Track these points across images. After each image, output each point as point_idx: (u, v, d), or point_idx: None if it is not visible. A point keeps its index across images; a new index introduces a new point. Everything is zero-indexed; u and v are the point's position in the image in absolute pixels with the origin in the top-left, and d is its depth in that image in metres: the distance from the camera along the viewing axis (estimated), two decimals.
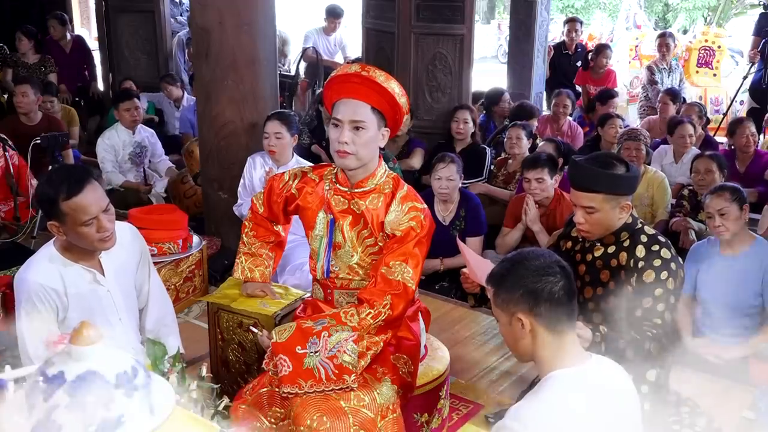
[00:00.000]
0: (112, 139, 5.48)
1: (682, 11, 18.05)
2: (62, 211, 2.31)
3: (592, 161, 2.55)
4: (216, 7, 4.27)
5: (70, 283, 2.42)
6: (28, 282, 2.39)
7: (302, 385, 2.26)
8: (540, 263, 1.84)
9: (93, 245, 2.40)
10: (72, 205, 2.30)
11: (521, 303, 1.81)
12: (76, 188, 2.30)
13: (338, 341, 2.27)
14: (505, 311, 1.86)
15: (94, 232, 2.35)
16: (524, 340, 1.84)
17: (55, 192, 2.30)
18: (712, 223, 3.43)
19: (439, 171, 4.30)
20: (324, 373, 2.26)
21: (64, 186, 2.30)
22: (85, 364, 1.20)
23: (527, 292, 1.81)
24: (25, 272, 2.43)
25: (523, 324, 1.82)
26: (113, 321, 2.54)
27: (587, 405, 1.76)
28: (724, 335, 3.49)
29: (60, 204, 2.30)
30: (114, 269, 2.55)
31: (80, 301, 2.45)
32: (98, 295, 2.50)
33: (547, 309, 1.80)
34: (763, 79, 6.96)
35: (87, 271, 2.47)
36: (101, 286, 2.51)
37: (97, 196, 2.35)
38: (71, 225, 2.33)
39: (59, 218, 2.33)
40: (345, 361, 2.26)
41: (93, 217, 2.33)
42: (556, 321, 1.81)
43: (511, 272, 1.86)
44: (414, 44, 6.05)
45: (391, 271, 2.34)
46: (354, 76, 2.36)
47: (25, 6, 8.34)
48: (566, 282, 1.83)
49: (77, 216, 2.31)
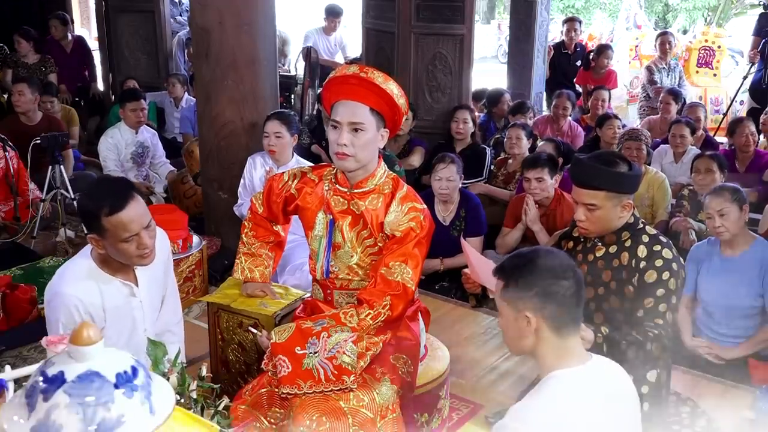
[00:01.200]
0: (115, 138, 5.47)
1: (682, 11, 18.05)
2: (103, 227, 2.25)
3: (596, 159, 2.56)
4: (216, 7, 4.27)
5: (108, 298, 2.38)
6: (65, 296, 2.32)
7: (301, 386, 2.26)
8: (556, 264, 1.82)
9: (131, 261, 2.36)
10: (114, 221, 2.24)
11: (532, 302, 1.79)
12: (119, 204, 2.24)
13: (337, 342, 2.27)
14: (512, 306, 1.84)
15: (134, 248, 2.30)
16: (527, 338, 1.83)
17: (98, 207, 2.24)
18: (712, 223, 3.43)
19: (440, 171, 4.30)
20: (323, 373, 2.26)
21: (107, 201, 2.24)
22: (85, 364, 1.20)
23: (541, 293, 1.79)
24: (61, 285, 2.35)
25: (530, 322, 1.80)
26: (140, 331, 2.51)
27: (587, 405, 1.76)
28: (724, 335, 3.50)
29: (101, 219, 2.24)
30: (147, 279, 2.51)
31: (116, 314, 2.41)
32: (131, 307, 2.47)
33: (557, 312, 1.79)
34: (763, 79, 6.96)
35: (125, 286, 2.43)
36: (135, 298, 2.48)
37: (139, 213, 2.29)
38: (111, 240, 2.28)
39: (100, 233, 2.27)
40: (344, 361, 2.26)
41: (134, 234, 2.28)
42: (563, 324, 1.80)
43: (525, 269, 1.83)
44: (414, 44, 6.05)
45: (391, 272, 2.34)
46: (352, 77, 2.35)
47: (25, 6, 8.34)
48: (577, 287, 1.81)
49: (118, 232, 2.25)
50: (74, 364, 1.20)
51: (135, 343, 2.43)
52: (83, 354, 1.21)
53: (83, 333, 1.21)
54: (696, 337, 3.56)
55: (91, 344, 1.22)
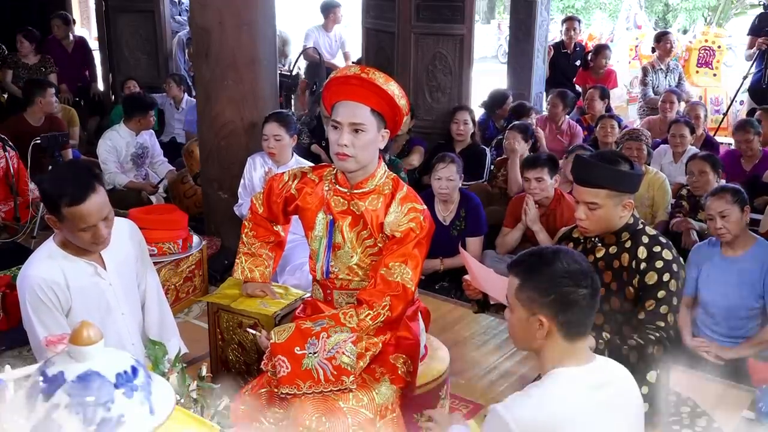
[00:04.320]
0: (114, 141, 5.47)
1: (682, 11, 18.05)
2: (62, 215, 2.32)
3: (598, 157, 2.56)
4: (216, 7, 4.27)
5: (71, 277, 2.43)
6: (29, 277, 2.40)
7: (300, 386, 2.26)
8: (576, 270, 1.78)
9: (85, 246, 2.42)
10: (73, 212, 2.30)
11: (548, 306, 1.76)
12: (80, 197, 2.29)
13: (337, 342, 2.26)
14: (526, 307, 1.80)
15: (89, 237, 2.37)
16: (536, 339, 1.80)
17: (59, 196, 2.30)
18: (714, 225, 3.43)
19: (440, 171, 4.30)
20: (322, 374, 2.26)
21: (69, 191, 2.29)
22: (85, 364, 1.20)
23: (559, 299, 1.75)
24: (26, 269, 2.45)
25: (542, 325, 1.78)
26: (116, 316, 2.56)
27: (586, 404, 1.76)
28: (724, 336, 3.49)
29: (61, 208, 2.30)
30: (116, 264, 2.56)
31: (83, 295, 2.46)
32: (100, 289, 2.52)
33: (572, 318, 1.77)
34: (763, 79, 6.95)
35: (88, 265, 2.48)
36: (103, 280, 2.52)
37: (99, 206, 2.34)
38: (68, 227, 2.35)
39: (58, 218, 2.34)
40: (344, 362, 2.26)
41: (91, 225, 2.34)
42: (576, 330, 1.79)
43: (545, 272, 1.78)
44: (414, 44, 6.05)
45: (391, 273, 2.34)
46: (353, 77, 2.35)
47: (25, 6, 8.33)
48: (593, 293, 1.79)
49: (76, 222, 2.32)
50: (74, 364, 1.20)
51: (114, 328, 2.51)
52: (83, 354, 1.21)
53: (83, 333, 1.21)
54: (696, 337, 3.56)
55: (91, 344, 1.21)
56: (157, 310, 2.77)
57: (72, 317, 2.44)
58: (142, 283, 2.73)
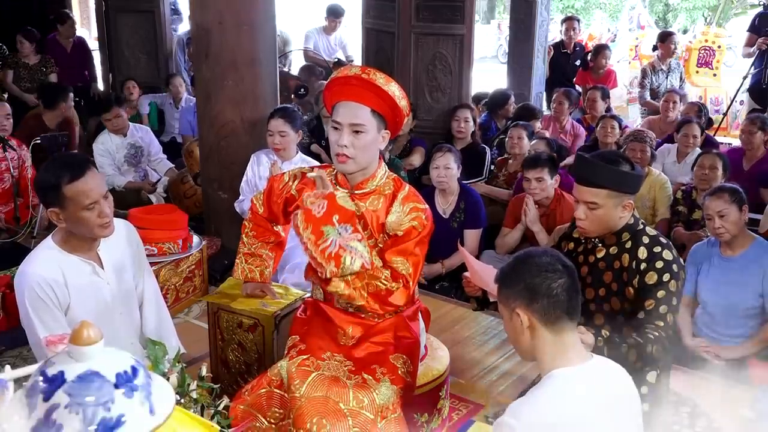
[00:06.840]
0: (106, 144, 5.49)
1: (682, 11, 18.05)
2: (65, 196, 2.32)
3: (599, 157, 2.56)
4: (216, 7, 4.27)
5: (69, 275, 2.44)
6: (28, 275, 2.41)
7: (306, 227, 2.27)
8: (543, 261, 1.86)
9: (93, 231, 2.42)
10: (75, 189, 2.32)
11: (520, 298, 1.83)
12: (79, 172, 2.33)
13: (357, 249, 2.28)
14: (506, 306, 1.88)
15: (95, 217, 2.37)
16: (524, 336, 1.85)
17: (57, 177, 2.32)
18: (712, 224, 3.43)
19: (437, 160, 4.36)
20: (329, 244, 2.26)
21: (67, 171, 2.32)
22: (85, 364, 1.20)
23: (526, 287, 1.82)
24: (24, 266, 2.45)
25: (522, 319, 1.83)
26: (114, 315, 2.57)
27: (586, 404, 1.76)
28: (724, 335, 3.50)
29: (62, 188, 2.32)
30: (113, 263, 2.57)
31: (81, 293, 2.46)
32: (98, 288, 2.52)
33: (545, 305, 1.81)
34: (763, 79, 6.95)
35: (86, 263, 2.49)
36: (100, 279, 2.52)
37: (97, 181, 2.38)
38: (73, 210, 2.35)
39: (61, 204, 2.35)
40: (351, 253, 2.27)
41: (95, 201, 2.35)
42: (554, 318, 1.81)
43: (515, 268, 1.88)
44: (414, 44, 6.05)
45: (395, 267, 2.36)
46: (354, 78, 2.35)
47: (25, 6, 8.33)
48: (568, 280, 1.83)
49: (80, 200, 2.33)
50: (74, 364, 1.20)
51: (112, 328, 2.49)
52: (83, 354, 1.21)
53: (83, 333, 1.21)
54: (696, 337, 3.56)
55: (91, 344, 1.21)
56: (155, 312, 2.77)
57: (70, 315, 2.44)
58: (139, 285, 2.74)
